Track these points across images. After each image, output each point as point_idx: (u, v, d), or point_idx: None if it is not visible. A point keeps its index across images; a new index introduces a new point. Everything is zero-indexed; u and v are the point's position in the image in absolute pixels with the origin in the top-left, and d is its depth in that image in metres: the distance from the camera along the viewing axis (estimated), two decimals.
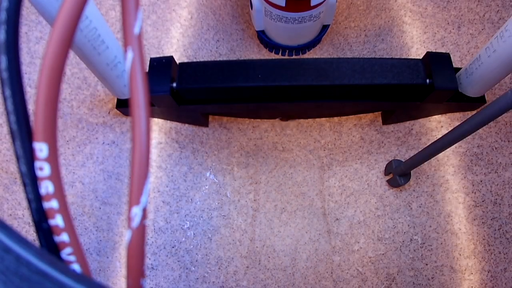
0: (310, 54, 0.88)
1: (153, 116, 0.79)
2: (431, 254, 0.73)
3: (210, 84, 0.67)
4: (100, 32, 0.56)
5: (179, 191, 0.78)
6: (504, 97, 0.45)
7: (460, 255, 0.73)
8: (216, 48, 0.86)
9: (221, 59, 0.86)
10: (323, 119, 0.84)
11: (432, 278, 0.72)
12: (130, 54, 0.21)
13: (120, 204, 0.75)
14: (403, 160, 0.74)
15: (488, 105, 0.48)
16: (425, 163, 0.78)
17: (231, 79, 0.67)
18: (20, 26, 0.20)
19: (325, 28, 0.86)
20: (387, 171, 0.78)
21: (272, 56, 0.88)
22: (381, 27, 0.86)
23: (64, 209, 0.21)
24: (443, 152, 0.78)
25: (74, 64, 0.77)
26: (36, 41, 0.76)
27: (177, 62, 0.69)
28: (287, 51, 0.89)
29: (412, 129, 0.80)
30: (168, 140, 0.80)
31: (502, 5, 0.77)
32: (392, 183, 0.76)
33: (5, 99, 0.20)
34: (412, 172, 0.76)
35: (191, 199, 0.78)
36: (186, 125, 0.81)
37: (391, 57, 0.84)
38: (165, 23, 0.86)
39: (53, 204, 0.20)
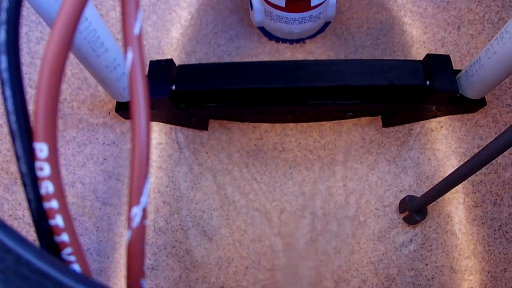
0: (311, 43, 0.88)
1: (153, 120, 0.80)
2: (431, 255, 0.73)
3: (209, 86, 0.67)
4: (100, 34, 0.56)
5: (179, 191, 0.78)
6: None
7: (460, 255, 0.73)
8: (215, 40, 0.87)
9: (219, 49, 0.86)
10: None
11: (432, 278, 0.72)
12: (130, 55, 0.21)
13: (120, 204, 0.75)
14: (416, 195, 0.73)
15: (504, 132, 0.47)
16: (425, 164, 0.78)
17: (230, 82, 0.67)
18: (20, 26, 0.21)
19: (327, 24, 0.86)
20: (401, 208, 0.75)
21: (272, 44, 0.88)
22: (382, 23, 0.87)
23: (64, 209, 0.21)
24: (443, 153, 0.79)
25: (74, 65, 0.77)
26: (36, 42, 0.76)
27: (176, 61, 0.70)
28: (288, 41, 0.89)
29: (411, 129, 0.80)
30: (168, 141, 0.80)
31: (502, 5, 0.77)
32: (409, 221, 0.74)
33: (5, 99, 0.20)
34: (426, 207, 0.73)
35: (191, 200, 0.78)
36: None
37: (393, 51, 0.85)
38: (165, 23, 0.86)
39: (53, 204, 0.20)
